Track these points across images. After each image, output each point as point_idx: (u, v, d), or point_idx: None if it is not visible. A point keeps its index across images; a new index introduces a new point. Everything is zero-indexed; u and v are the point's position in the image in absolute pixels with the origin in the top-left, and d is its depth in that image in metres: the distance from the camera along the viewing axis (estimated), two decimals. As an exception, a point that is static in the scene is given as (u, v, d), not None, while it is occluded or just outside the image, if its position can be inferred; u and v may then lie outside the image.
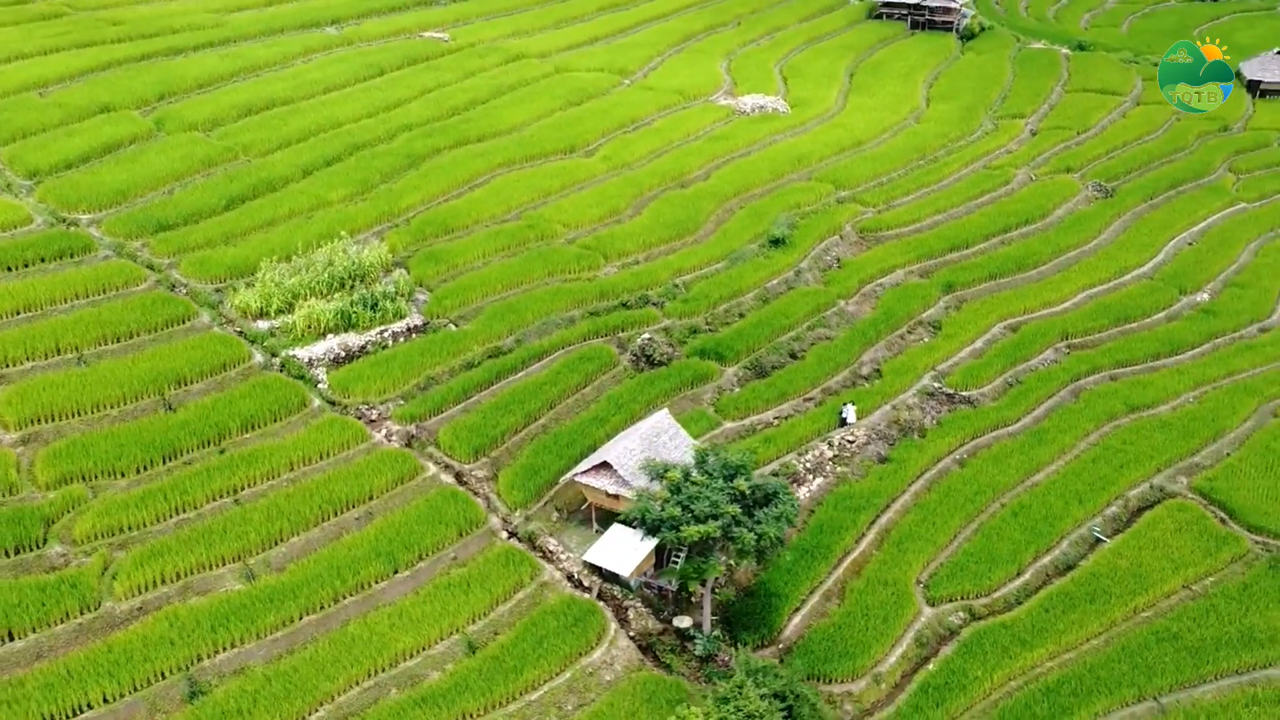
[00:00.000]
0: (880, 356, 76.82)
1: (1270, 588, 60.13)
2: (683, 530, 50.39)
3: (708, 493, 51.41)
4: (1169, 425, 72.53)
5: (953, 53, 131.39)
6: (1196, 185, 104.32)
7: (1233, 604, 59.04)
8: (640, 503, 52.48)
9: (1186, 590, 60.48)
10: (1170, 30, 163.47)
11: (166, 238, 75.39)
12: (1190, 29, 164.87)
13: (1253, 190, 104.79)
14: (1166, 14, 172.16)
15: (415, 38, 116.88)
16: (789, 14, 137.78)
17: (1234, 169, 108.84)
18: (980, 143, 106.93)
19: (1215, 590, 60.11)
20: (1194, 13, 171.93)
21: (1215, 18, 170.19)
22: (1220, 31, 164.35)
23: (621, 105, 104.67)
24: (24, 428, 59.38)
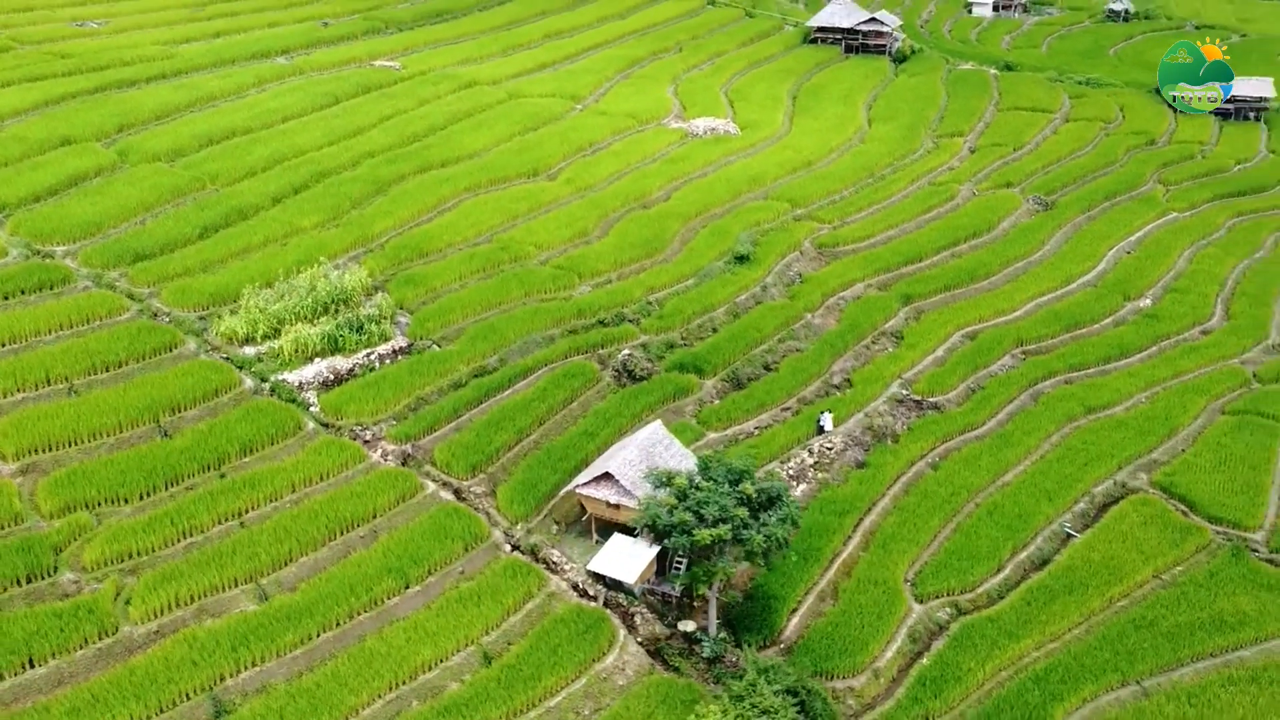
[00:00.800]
0: (849, 366, 78.87)
1: (1234, 575, 62.75)
2: (695, 534, 51.65)
3: (716, 497, 52.77)
4: (1125, 425, 75.38)
5: (887, 75, 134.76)
6: (1130, 197, 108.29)
7: (1202, 591, 61.49)
8: (650, 510, 53.65)
9: (1157, 580, 62.90)
10: (1086, 51, 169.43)
11: (145, 267, 75.18)
12: (1105, 49, 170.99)
13: (1182, 201, 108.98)
14: (1082, 35, 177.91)
15: (366, 66, 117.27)
16: (728, 40, 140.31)
17: (1163, 181, 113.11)
18: (923, 160, 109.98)
19: (1184, 579, 62.55)
20: (1108, 34, 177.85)
21: (1128, 38, 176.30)
22: (1134, 50, 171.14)
23: (578, 129, 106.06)
24: (22, 458, 59.04)
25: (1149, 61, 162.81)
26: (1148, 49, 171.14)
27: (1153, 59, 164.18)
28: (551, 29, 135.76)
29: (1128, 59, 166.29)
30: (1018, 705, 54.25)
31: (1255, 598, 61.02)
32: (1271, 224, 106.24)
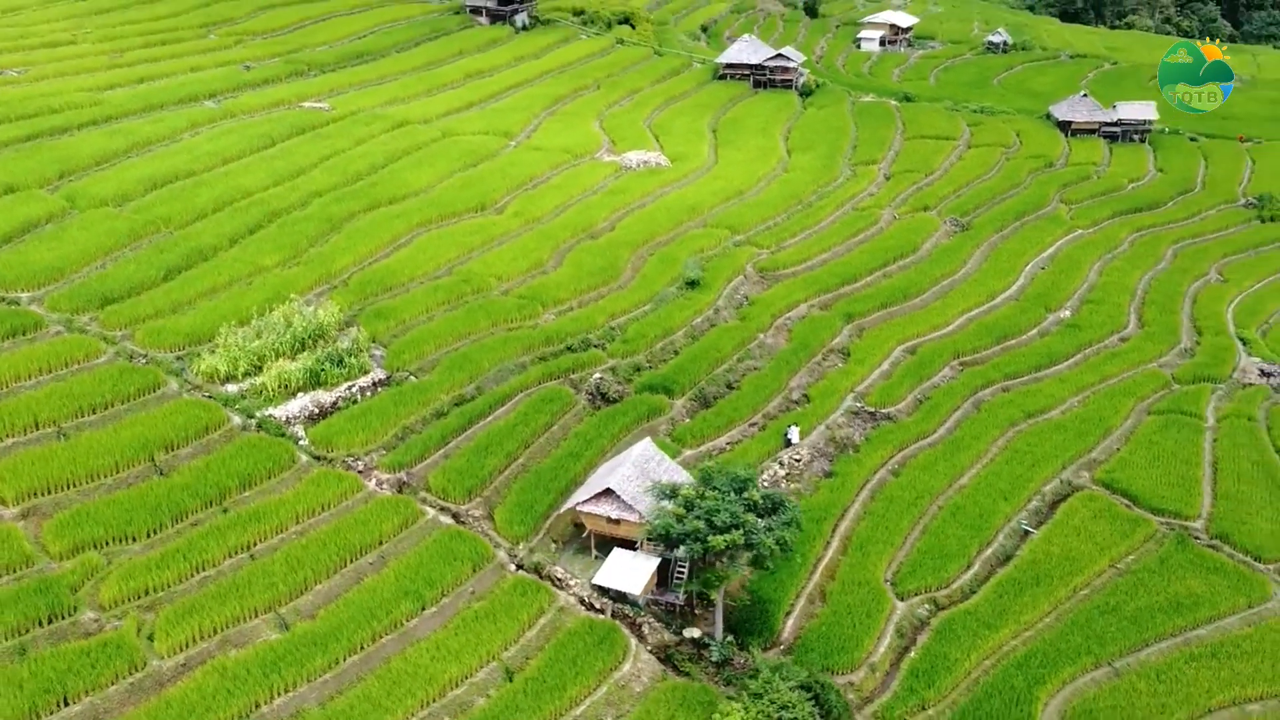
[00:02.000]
0: (805, 382, 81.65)
1: (1183, 560, 66.84)
2: (710, 540, 53.55)
3: (726, 504, 54.78)
4: (1063, 427, 79.52)
5: (797, 108, 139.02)
6: (1037, 216, 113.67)
7: (1155, 577, 65.38)
8: (662, 520, 55.41)
9: (1114, 569, 66.64)
10: (972, 81, 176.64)
11: (114, 311, 74.49)
12: (989, 79, 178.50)
13: (1085, 218, 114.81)
14: (965, 66, 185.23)
15: (296, 108, 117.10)
16: (642, 78, 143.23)
17: (1065, 200, 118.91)
18: (845, 188, 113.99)
19: (1138, 566, 66.43)
20: (990, 64, 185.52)
21: (1010, 67, 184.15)
22: (1016, 79, 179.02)
23: (516, 165, 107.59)
24: (22, 502, 58.36)
25: (1031, 89, 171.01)
26: (1028, 78, 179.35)
27: (1034, 87, 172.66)
28: (472, 69, 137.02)
29: (1011, 87, 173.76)
30: (1004, 690, 57.17)
31: (1204, 580, 65.10)
32: (1169, 237, 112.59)
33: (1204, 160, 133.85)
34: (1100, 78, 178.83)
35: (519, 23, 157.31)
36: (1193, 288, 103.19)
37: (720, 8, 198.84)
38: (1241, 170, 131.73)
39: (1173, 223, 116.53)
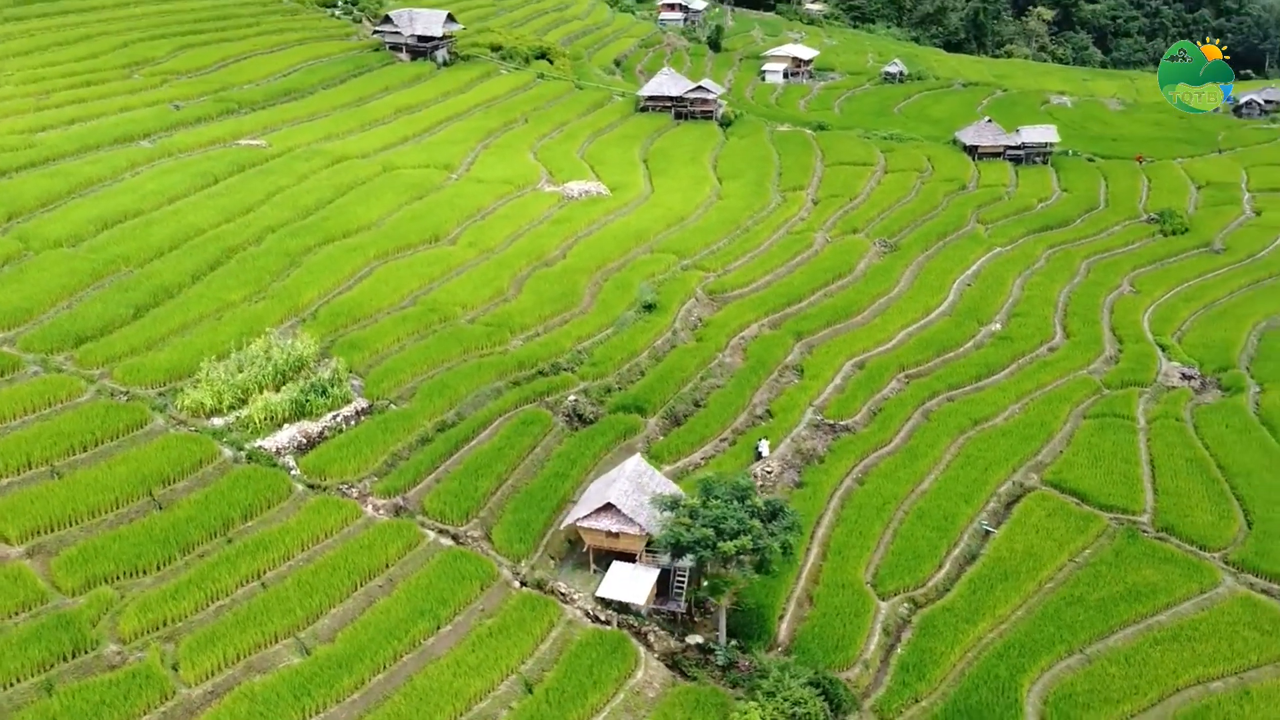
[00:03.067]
0: (766, 398, 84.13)
1: (1136, 552, 70.47)
2: (720, 545, 55.47)
3: (732, 512, 56.77)
4: (1008, 433, 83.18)
5: (720, 138, 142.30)
6: (957, 236, 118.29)
7: (1112, 568, 68.88)
8: (673, 529, 57.16)
9: (1073, 562, 70.04)
10: (874, 110, 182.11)
11: (90, 350, 73.74)
12: (890, 107, 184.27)
13: (1002, 236, 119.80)
14: (866, 96, 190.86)
15: (232, 146, 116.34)
16: (567, 111, 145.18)
17: (981, 220, 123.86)
18: (777, 213, 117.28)
19: (1095, 559, 69.92)
20: (889, 94, 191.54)
21: (908, 96, 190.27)
22: (916, 107, 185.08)
23: (462, 196, 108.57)
24: (26, 540, 57.92)
25: (930, 116, 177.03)
26: (926, 105, 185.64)
27: (933, 114, 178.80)
28: (401, 104, 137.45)
29: (911, 115, 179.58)
30: (989, 679, 59.91)
31: (1157, 570, 68.73)
32: (1081, 252, 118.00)
33: (1104, 179, 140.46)
34: (993, 104, 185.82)
35: (440, 59, 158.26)
36: (1109, 299, 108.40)
37: (629, 43, 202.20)
38: (1139, 188, 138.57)
39: (1083, 239, 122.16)
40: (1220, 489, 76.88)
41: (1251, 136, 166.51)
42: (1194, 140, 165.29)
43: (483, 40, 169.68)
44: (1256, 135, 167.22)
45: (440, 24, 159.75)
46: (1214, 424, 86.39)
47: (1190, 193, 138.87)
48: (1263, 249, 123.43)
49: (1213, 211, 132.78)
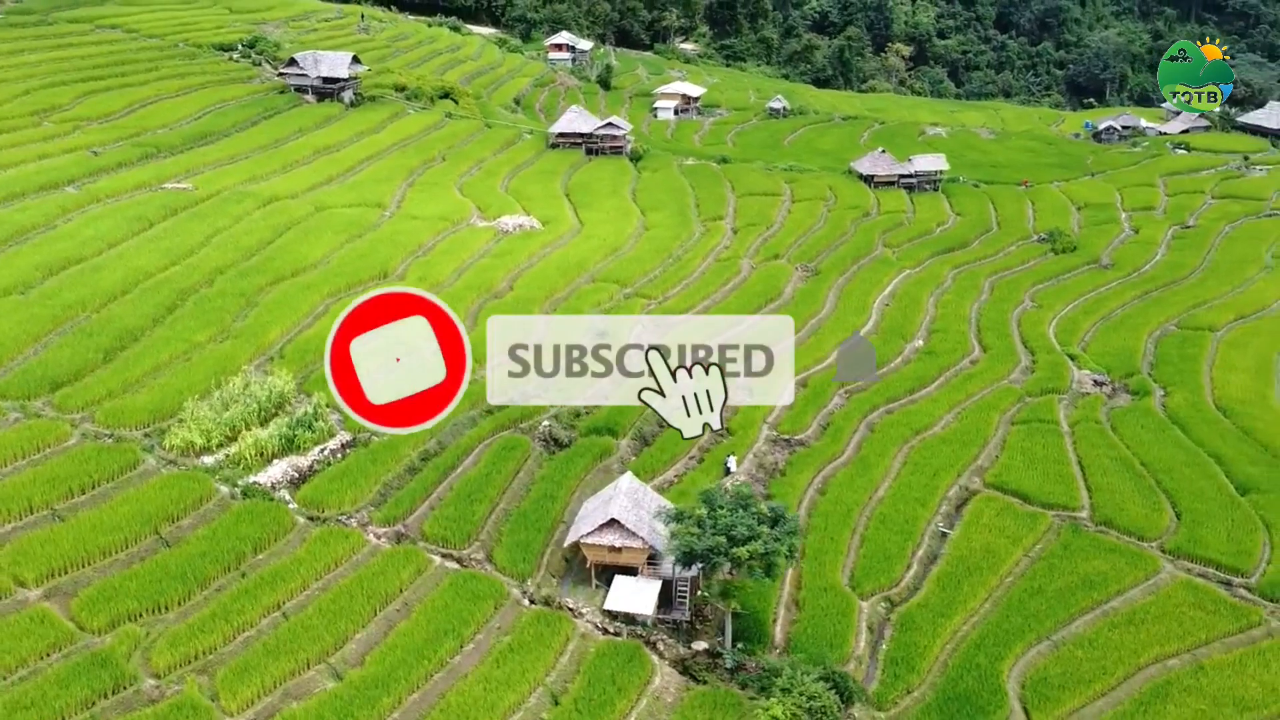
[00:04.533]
0: (724, 416, 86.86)
1: (1082, 545, 74.66)
2: (734, 551, 57.97)
3: (740, 519, 59.34)
4: (947, 440, 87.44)
5: (633, 172, 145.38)
6: (869, 260, 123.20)
7: (1064, 561, 73.05)
8: (684, 539, 59.42)
9: (1027, 557, 74.17)
10: (765, 143, 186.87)
11: (67, 394, 72.92)
12: (780, 140, 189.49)
13: (910, 259, 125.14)
14: (755, 131, 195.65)
15: (159, 190, 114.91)
16: (482, 148, 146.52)
17: (888, 244, 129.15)
18: (702, 242, 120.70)
19: (1046, 554, 73.95)
20: (776, 128, 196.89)
21: (794, 130, 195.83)
22: (804, 139, 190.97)
23: (400, 234, 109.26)
24: (43, 583, 57.56)
25: (818, 149, 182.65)
26: (813, 138, 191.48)
27: (820, 146, 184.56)
28: (318, 145, 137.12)
29: (800, 147, 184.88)
30: (971, 668, 63.48)
31: (1104, 560, 73.18)
32: (984, 271, 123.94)
33: (992, 204, 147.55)
34: (874, 136, 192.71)
35: (347, 99, 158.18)
36: (1015, 314, 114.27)
37: (523, 82, 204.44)
38: (1025, 210, 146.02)
39: (983, 259, 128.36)
40: (1147, 484, 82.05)
41: (1117, 160, 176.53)
42: (1066, 165, 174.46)
43: (386, 81, 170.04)
44: (1122, 159, 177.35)
45: (346, 65, 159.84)
46: (1130, 425, 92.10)
47: (1072, 214, 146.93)
48: (1146, 263, 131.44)
49: (1096, 230, 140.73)
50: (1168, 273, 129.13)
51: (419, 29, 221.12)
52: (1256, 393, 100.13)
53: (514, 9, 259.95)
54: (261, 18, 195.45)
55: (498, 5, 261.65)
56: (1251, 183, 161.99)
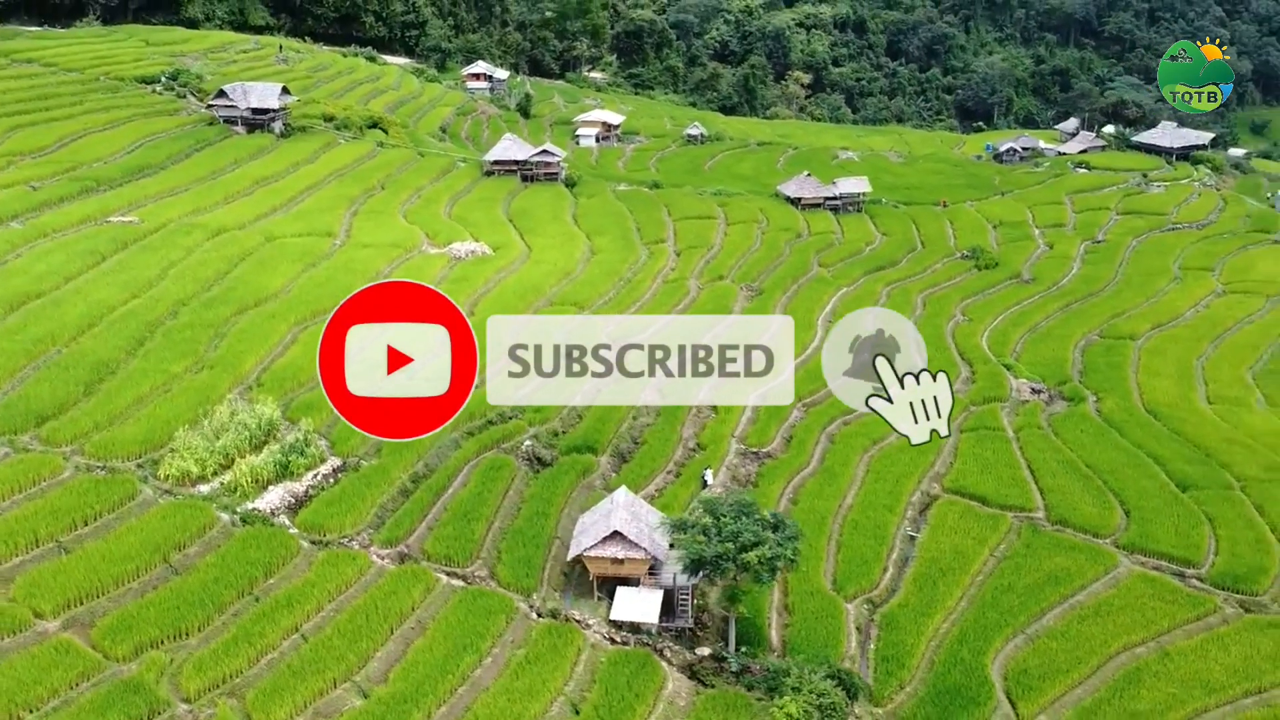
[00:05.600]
0: (693, 432, 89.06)
1: (1043, 544, 78.33)
2: (744, 556, 59.96)
3: (745, 526, 61.36)
4: (904, 448, 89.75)
5: (570, 198, 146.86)
6: (807, 279, 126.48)
7: (1028, 559, 76.54)
8: (692, 547, 61.25)
9: (993, 556, 77.64)
10: (686, 168, 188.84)
11: (54, 428, 72.06)
12: (701, 165, 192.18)
13: (844, 278, 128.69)
14: (676, 156, 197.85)
15: (104, 223, 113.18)
16: (419, 176, 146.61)
17: (822, 264, 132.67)
18: (649, 264, 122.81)
19: (1011, 553, 77.33)
20: (696, 153, 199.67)
21: (713, 155, 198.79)
22: (724, 164, 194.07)
23: (355, 262, 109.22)
24: (60, 614, 57.21)
25: (738, 173, 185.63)
26: (732, 163, 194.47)
27: (740, 171, 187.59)
28: (256, 176, 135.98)
29: (721, 172, 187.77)
30: (958, 661, 66.56)
31: (1065, 557, 76.87)
32: (915, 288, 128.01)
33: (914, 223, 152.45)
34: (790, 160, 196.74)
35: (277, 130, 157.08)
36: (949, 327, 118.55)
37: (446, 111, 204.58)
38: (945, 229, 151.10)
39: (912, 276, 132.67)
40: (1095, 484, 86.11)
41: (1023, 180, 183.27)
42: (975, 185, 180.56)
43: (314, 111, 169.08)
44: (1027, 179, 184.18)
45: (276, 96, 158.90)
46: (1070, 430, 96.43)
47: (990, 232, 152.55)
48: (1064, 277, 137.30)
49: (1014, 247, 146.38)
50: (1085, 286, 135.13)
51: (336, 59, 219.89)
52: (1181, 396, 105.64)
53: (428, 39, 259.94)
54: (179, 50, 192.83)
55: (411, 36, 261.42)
56: (1152, 198, 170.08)
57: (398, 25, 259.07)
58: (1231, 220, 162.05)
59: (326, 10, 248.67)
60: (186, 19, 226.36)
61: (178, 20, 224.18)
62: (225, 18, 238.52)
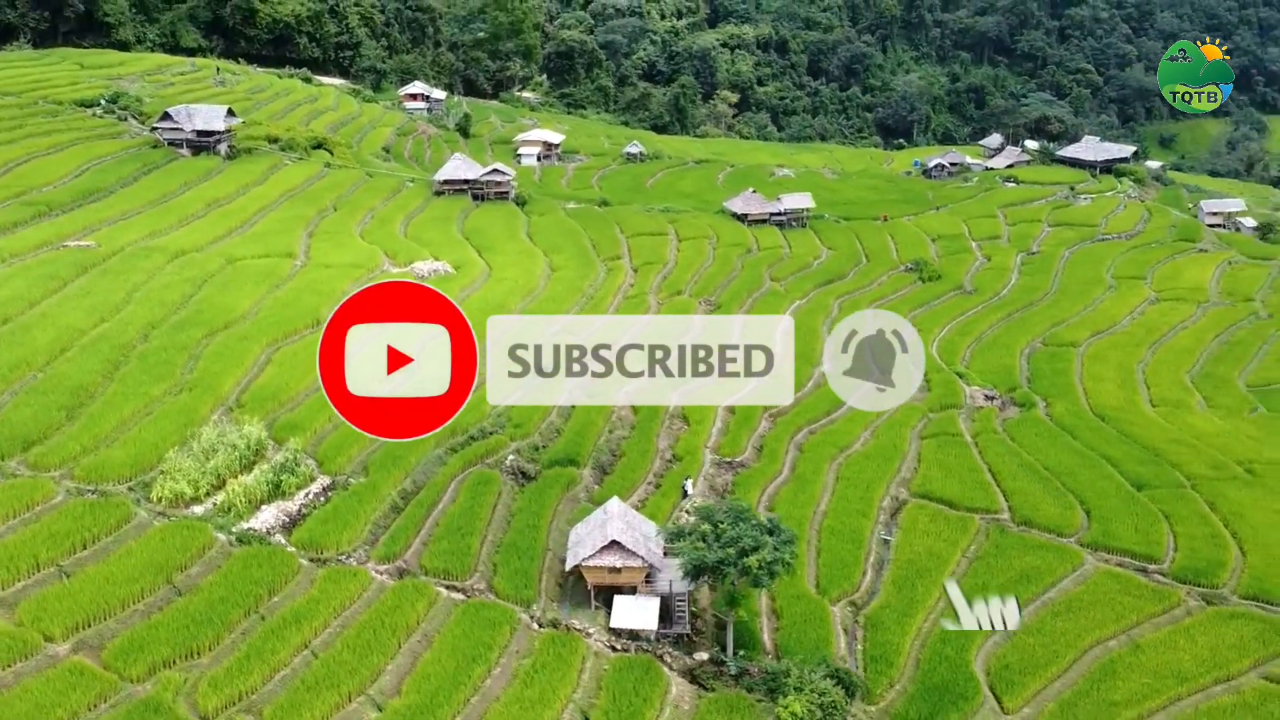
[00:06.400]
0: (667, 444, 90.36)
1: (1011, 544, 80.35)
2: (746, 561, 61.33)
3: (744, 532, 62.76)
4: (870, 455, 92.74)
5: (523, 216, 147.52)
6: (761, 293, 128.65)
7: (999, 559, 78.64)
8: (695, 554, 62.52)
9: (965, 557, 79.87)
10: (628, 186, 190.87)
11: (41, 453, 71.40)
12: (642, 182, 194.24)
13: (797, 291, 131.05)
14: (617, 175, 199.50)
15: (61, 248, 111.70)
16: (370, 197, 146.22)
17: (774, 278, 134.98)
18: (609, 280, 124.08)
19: (983, 553, 79.49)
20: (636, 171, 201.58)
21: (653, 174, 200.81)
22: (666, 182, 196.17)
23: (319, 282, 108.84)
24: (69, 637, 56.98)
25: (680, 190, 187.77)
26: (673, 181, 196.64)
27: (681, 188, 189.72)
28: (208, 198, 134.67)
29: (663, 189, 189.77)
30: (943, 659, 68.34)
31: (1033, 556, 79.06)
32: (864, 300, 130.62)
33: (857, 238, 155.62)
34: (729, 177, 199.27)
35: (223, 152, 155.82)
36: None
37: (386, 132, 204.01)
38: (887, 243, 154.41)
39: (861, 288, 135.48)
40: (1054, 486, 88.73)
41: (955, 194, 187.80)
42: (910, 200, 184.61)
43: (258, 133, 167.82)
44: (959, 193, 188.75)
45: (221, 118, 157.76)
46: (1025, 434, 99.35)
47: (929, 245, 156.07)
48: (1003, 288, 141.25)
49: (954, 260, 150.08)
50: (1024, 296, 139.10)
51: (273, 81, 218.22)
52: (1126, 400, 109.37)
53: (362, 60, 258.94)
54: (115, 73, 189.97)
55: (345, 57, 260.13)
56: (1081, 210, 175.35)
57: (331, 46, 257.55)
58: (1158, 230, 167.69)
59: (260, 32, 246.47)
60: (118, 41, 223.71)
61: (109, 43, 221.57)
62: (157, 40, 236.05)
